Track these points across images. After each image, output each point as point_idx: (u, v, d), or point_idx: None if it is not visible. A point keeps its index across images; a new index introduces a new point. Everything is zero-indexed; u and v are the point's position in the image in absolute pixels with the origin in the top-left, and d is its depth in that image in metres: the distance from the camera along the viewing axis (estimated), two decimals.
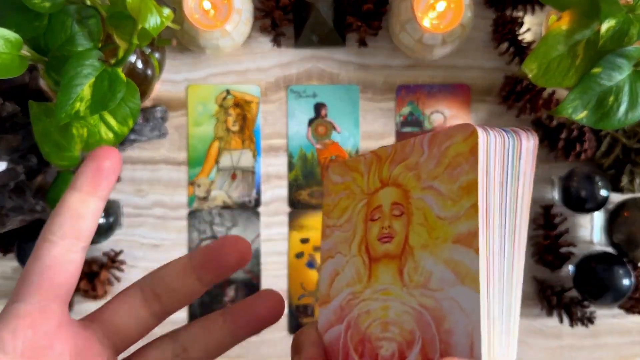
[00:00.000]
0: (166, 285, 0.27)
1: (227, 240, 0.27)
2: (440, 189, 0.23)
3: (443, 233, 0.23)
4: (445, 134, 0.23)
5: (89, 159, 0.26)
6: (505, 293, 0.22)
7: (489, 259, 0.22)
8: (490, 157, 0.22)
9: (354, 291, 0.27)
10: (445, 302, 0.22)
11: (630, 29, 0.43)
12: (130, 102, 0.48)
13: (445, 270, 0.23)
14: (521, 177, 0.23)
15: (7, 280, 0.60)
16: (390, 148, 0.26)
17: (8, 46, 0.43)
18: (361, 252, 0.27)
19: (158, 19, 0.44)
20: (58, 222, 0.25)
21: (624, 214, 0.57)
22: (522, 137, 0.23)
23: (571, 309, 0.57)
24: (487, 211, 0.22)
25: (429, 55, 0.58)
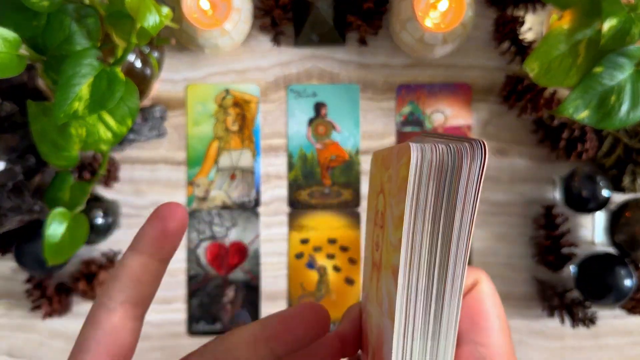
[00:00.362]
0: (234, 358, 0.24)
1: (305, 309, 0.24)
2: (393, 211, 0.21)
3: (390, 259, 0.21)
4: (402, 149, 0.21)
5: (154, 218, 0.24)
6: (431, 336, 0.21)
7: (409, 298, 0.20)
8: (422, 184, 0.19)
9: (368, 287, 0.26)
10: (385, 329, 0.22)
11: (631, 28, 0.43)
12: (129, 102, 0.47)
13: (386, 299, 0.22)
14: (459, 206, 0.19)
15: (6, 281, 0.60)
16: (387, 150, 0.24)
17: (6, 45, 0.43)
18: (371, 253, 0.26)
19: (157, 18, 0.44)
20: (117, 287, 0.23)
21: (626, 214, 0.57)
22: (465, 156, 0.19)
23: (573, 309, 0.57)
24: (412, 246, 0.20)
25: (429, 54, 0.58)
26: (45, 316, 0.58)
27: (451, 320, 0.21)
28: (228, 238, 0.60)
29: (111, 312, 0.23)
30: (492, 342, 0.25)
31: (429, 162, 0.19)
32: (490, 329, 0.25)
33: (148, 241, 0.24)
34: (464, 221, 0.20)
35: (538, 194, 0.60)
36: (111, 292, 0.23)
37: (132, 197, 0.60)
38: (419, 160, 0.19)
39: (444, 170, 0.19)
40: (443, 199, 0.20)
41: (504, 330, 0.25)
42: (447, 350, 0.21)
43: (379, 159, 0.26)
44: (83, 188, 0.52)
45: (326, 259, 0.60)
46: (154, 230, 0.24)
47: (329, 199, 0.60)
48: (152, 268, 0.24)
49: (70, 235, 0.50)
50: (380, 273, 0.23)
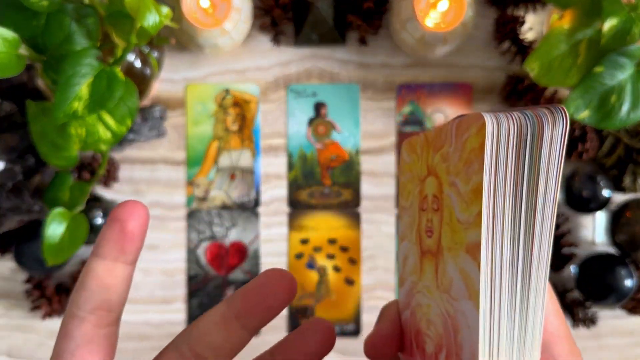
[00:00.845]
0: (208, 342, 0.24)
1: (269, 278, 0.23)
2: (460, 187, 0.20)
3: (460, 238, 0.20)
4: (465, 123, 0.20)
5: (111, 220, 0.23)
6: (519, 312, 0.20)
7: (494, 274, 0.19)
8: (500, 155, 0.19)
9: (414, 280, 0.25)
10: (459, 314, 0.21)
11: (632, 28, 0.43)
12: (129, 102, 0.47)
13: (459, 280, 0.21)
14: (542, 174, 0.19)
15: (6, 281, 0.60)
16: (434, 131, 0.23)
17: (6, 45, 0.43)
18: (417, 242, 0.25)
19: (157, 17, 0.43)
20: (85, 295, 0.23)
21: (627, 214, 0.56)
22: (545, 123, 0.18)
23: (573, 310, 0.57)
24: (494, 220, 0.19)
25: (430, 54, 0.58)
26: (44, 316, 0.58)
27: (539, 292, 0.20)
28: (228, 238, 0.60)
29: (82, 322, 0.23)
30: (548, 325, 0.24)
31: (507, 129, 0.19)
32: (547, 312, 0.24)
33: (109, 245, 0.23)
34: (549, 188, 0.19)
35: None
36: (79, 301, 0.23)
37: (132, 197, 0.60)
38: (495, 129, 0.18)
39: (522, 138, 0.19)
40: (524, 167, 0.19)
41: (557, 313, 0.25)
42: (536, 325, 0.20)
43: (417, 144, 0.25)
44: (82, 188, 0.52)
45: (326, 259, 0.60)
46: (113, 233, 0.23)
47: (329, 199, 0.60)
48: (118, 272, 0.23)
49: (70, 236, 0.50)
50: (440, 258, 0.22)
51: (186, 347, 0.24)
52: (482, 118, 0.18)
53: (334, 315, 0.60)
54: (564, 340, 0.24)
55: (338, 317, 0.60)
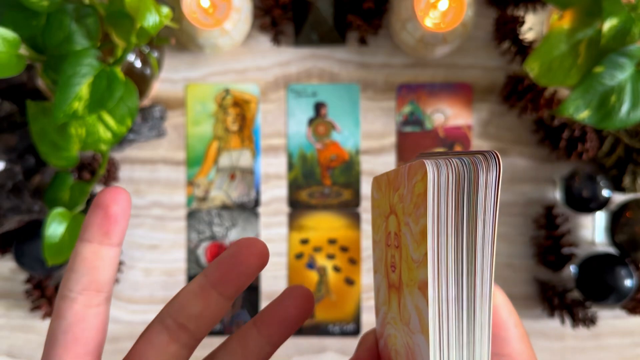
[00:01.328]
0: (188, 312, 0.25)
1: (241, 246, 0.25)
2: (412, 228, 0.22)
3: (414, 276, 0.22)
4: (413, 168, 0.21)
5: (94, 205, 0.24)
6: (466, 345, 0.21)
7: (441, 310, 0.21)
8: (441, 199, 0.20)
9: (385, 311, 0.27)
10: (416, 347, 0.22)
11: (632, 28, 0.43)
12: (129, 102, 0.47)
13: (415, 315, 0.22)
14: (479, 216, 0.20)
15: (6, 281, 0.60)
16: (394, 172, 0.24)
17: (6, 45, 0.43)
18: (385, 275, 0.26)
19: (157, 17, 0.43)
20: (74, 277, 0.24)
21: (626, 214, 0.56)
22: (480, 168, 0.20)
23: (573, 310, 0.57)
24: (439, 259, 0.20)
25: (430, 54, 0.58)
26: (44, 316, 0.58)
27: (484, 326, 0.21)
28: (228, 238, 0.60)
29: (73, 302, 0.24)
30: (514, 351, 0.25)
31: (446, 176, 0.20)
32: (510, 339, 0.25)
33: (93, 229, 0.24)
34: (487, 229, 0.20)
35: (538, 194, 0.60)
36: (69, 283, 0.24)
37: (132, 197, 0.60)
38: (435, 176, 0.20)
39: (461, 183, 0.20)
40: (463, 210, 0.20)
41: (522, 337, 0.26)
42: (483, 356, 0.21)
43: (382, 183, 0.26)
44: (83, 188, 0.52)
45: (326, 259, 0.60)
46: (97, 218, 0.24)
47: (329, 199, 0.60)
48: (104, 254, 0.24)
49: (70, 236, 0.50)
50: (401, 293, 0.24)
51: (169, 319, 0.25)
52: (425, 166, 0.20)
53: (334, 315, 0.60)
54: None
55: (338, 317, 0.60)
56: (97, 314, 0.24)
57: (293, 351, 0.60)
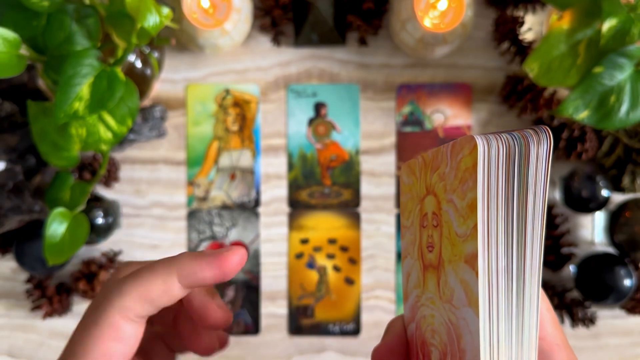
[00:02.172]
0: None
1: None
2: (457, 203, 0.22)
3: (459, 250, 0.22)
4: (458, 144, 0.22)
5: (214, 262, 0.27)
6: (515, 316, 0.21)
7: (491, 281, 0.21)
8: (491, 172, 0.21)
9: (418, 294, 0.27)
10: (461, 321, 0.22)
11: (631, 29, 0.43)
12: (129, 102, 0.47)
13: (460, 289, 0.22)
14: (530, 188, 0.21)
15: (7, 281, 0.60)
16: (431, 153, 0.25)
17: (6, 45, 0.43)
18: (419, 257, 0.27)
19: (157, 18, 0.44)
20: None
21: (626, 214, 0.57)
22: (531, 142, 0.20)
23: (572, 309, 0.57)
24: (489, 231, 0.21)
25: (429, 54, 0.58)
26: (45, 316, 0.58)
27: (533, 297, 0.21)
28: (228, 238, 0.60)
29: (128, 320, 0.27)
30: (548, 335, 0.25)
31: (496, 149, 0.20)
32: (544, 322, 0.26)
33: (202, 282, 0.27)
34: (537, 200, 0.21)
35: None
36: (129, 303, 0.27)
37: (132, 197, 0.60)
38: (485, 149, 0.20)
39: (511, 156, 0.21)
40: (514, 182, 0.21)
41: (555, 322, 0.26)
42: (532, 328, 0.22)
43: (415, 167, 0.27)
44: (83, 188, 0.52)
45: (326, 259, 0.60)
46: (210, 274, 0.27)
47: (329, 199, 0.60)
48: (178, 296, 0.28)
49: (71, 235, 0.50)
50: (441, 271, 0.24)
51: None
52: (474, 140, 0.21)
53: (334, 315, 0.60)
54: (561, 348, 0.25)
55: (338, 317, 0.60)
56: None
57: (293, 351, 0.60)
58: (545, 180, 0.21)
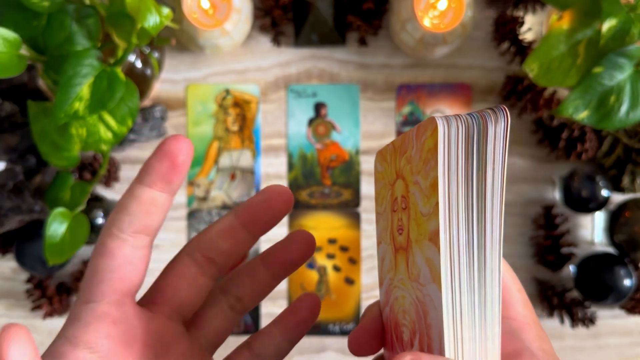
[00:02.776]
0: (218, 248, 0.27)
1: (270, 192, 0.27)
2: (421, 184, 0.23)
3: (424, 229, 0.23)
4: (422, 126, 0.22)
5: (160, 152, 0.24)
6: (477, 289, 0.22)
7: (452, 256, 0.21)
8: (451, 150, 0.21)
9: (390, 277, 0.28)
10: (427, 298, 0.23)
11: (631, 29, 0.43)
12: (129, 102, 0.47)
13: (425, 267, 0.23)
14: (489, 165, 0.21)
15: (7, 281, 0.60)
16: (399, 138, 0.26)
17: (7, 45, 0.43)
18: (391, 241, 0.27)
19: (157, 18, 0.44)
20: (127, 219, 0.25)
21: (625, 214, 0.57)
22: (489, 121, 0.21)
23: (572, 309, 0.57)
24: (450, 208, 0.21)
25: (429, 54, 0.58)
26: (45, 316, 0.58)
27: (495, 271, 0.22)
28: None
29: (123, 242, 0.25)
30: (518, 314, 0.26)
31: (456, 129, 0.21)
32: (514, 302, 0.26)
33: (157, 176, 0.24)
34: (496, 177, 0.21)
35: (538, 194, 0.60)
36: (121, 224, 0.25)
37: None
38: (445, 129, 0.21)
39: (470, 135, 0.21)
40: (473, 160, 0.21)
41: (526, 302, 0.27)
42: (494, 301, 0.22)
43: (387, 153, 0.28)
44: (83, 188, 0.52)
45: (326, 259, 0.60)
46: (163, 165, 0.24)
47: (329, 199, 0.60)
48: (161, 200, 0.25)
49: (71, 235, 0.50)
50: (410, 251, 0.24)
51: (198, 253, 0.27)
52: (435, 121, 0.21)
53: (334, 314, 0.60)
54: (532, 327, 0.26)
55: (338, 317, 0.60)
56: (143, 256, 0.25)
57: (293, 351, 0.60)
58: (503, 158, 0.21)
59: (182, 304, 0.27)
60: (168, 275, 0.27)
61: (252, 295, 0.29)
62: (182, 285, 0.27)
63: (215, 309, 0.29)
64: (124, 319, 0.25)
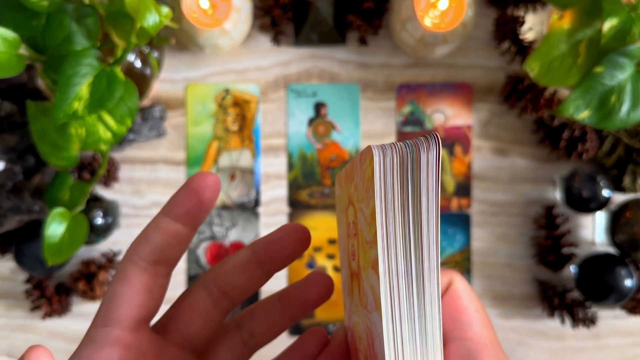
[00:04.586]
0: (232, 282, 0.28)
1: (287, 231, 0.27)
2: (365, 212, 0.23)
3: (368, 257, 0.23)
4: (363, 155, 0.23)
5: (187, 188, 0.25)
6: (417, 317, 0.22)
7: (392, 284, 0.22)
8: (387, 179, 0.21)
9: (350, 302, 0.28)
10: (372, 325, 0.23)
11: (632, 28, 0.43)
12: (129, 102, 0.47)
13: (370, 294, 0.23)
14: (423, 193, 0.21)
15: (6, 281, 0.60)
16: (350, 164, 0.26)
17: (6, 45, 0.43)
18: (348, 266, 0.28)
19: (157, 17, 0.44)
20: (149, 249, 0.25)
21: (626, 214, 0.56)
22: (422, 148, 0.21)
23: (573, 310, 0.57)
24: (387, 237, 0.22)
25: (430, 54, 0.58)
26: (45, 316, 0.58)
27: (434, 299, 0.22)
28: (228, 238, 0.60)
29: (143, 271, 0.26)
30: (475, 335, 0.26)
31: (391, 158, 0.21)
32: (472, 323, 0.26)
33: (183, 210, 0.25)
34: (430, 204, 0.21)
35: (538, 194, 0.60)
36: (142, 252, 0.26)
37: (132, 197, 0.60)
38: (381, 158, 0.21)
39: (404, 163, 0.21)
40: (408, 188, 0.22)
41: (484, 322, 0.27)
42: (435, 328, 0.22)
43: (342, 177, 0.28)
44: (83, 188, 0.52)
45: (326, 259, 0.60)
46: (189, 201, 0.25)
47: (329, 199, 0.60)
48: (184, 234, 0.26)
49: (70, 236, 0.50)
50: (360, 278, 0.24)
51: (213, 285, 0.28)
52: (371, 151, 0.21)
53: (334, 314, 0.60)
54: (489, 348, 0.26)
55: (338, 317, 0.60)
56: (161, 285, 0.26)
57: None
58: (437, 185, 0.21)
59: (194, 336, 0.28)
60: (182, 305, 0.28)
61: (266, 332, 0.29)
62: (195, 317, 0.28)
63: (227, 343, 0.29)
64: (137, 345, 0.26)
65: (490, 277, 0.60)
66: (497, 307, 0.60)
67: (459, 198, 0.60)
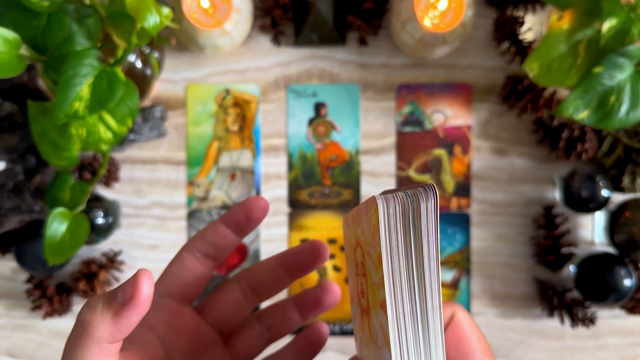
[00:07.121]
0: (261, 281, 0.34)
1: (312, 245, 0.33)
2: (372, 255, 0.25)
3: (376, 297, 0.25)
4: (368, 204, 0.25)
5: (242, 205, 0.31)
6: (423, 351, 0.24)
7: (399, 324, 0.24)
8: (391, 227, 0.24)
9: (361, 336, 0.30)
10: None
11: (631, 28, 0.43)
12: (129, 102, 0.47)
13: (379, 332, 0.25)
14: (424, 239, 0.24)
15: (7, 281, 0.60)
16: (356, 209, 0.28)
17: (6, 45, 0.43)
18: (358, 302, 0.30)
19: (157, 18, 0.44)
20: (204, 244, 0.32)
21: (626, 214, 0.57)
22: (421, 198, 0.24)
23: (572, 309, 0.57)
24: (394, 280, 0.24)
25: (429, 54, 0.58)
26: (45, 316, 0.58)
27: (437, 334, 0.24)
28: None
29: (195, 259, 0.32)
30: None
31: (394, 207, 0.24)
32: (474, 352, 0.29)
33: (235, 221, 0.31)
34: (431, 249, 0.24)
35: (538, 194, 0.60)
36: (198, 245, 0.32)
37: (133, 197, 0.60)
38: (385, 208, 0.24)
39: (406, 212, 0.24)
40: (410, 235, 0.24)
41: (486, 351, 0.29)
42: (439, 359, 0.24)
43: (349, 220, 0.30)
44: (83, 188, 0.52)
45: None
46: (241, 215, 0.31)
47: (328, 199, 0.60)
48: (231, 239, 0.32)
49: (71, 235, 0.50)
50: (370, 315, 0.27)
51: (245, 282, 0.34)
52: (376, 201, 0.24)
53: (334, 314, 0.60)
54: None
55: (338, 317, 0.60)
56: (206, 275, 0.33)
57: None
58: (435, 231, 0.24)
59: (223, 320, 0.34)
60: (217, 294, 0.34)
61: (281, 328, 0.35)
62: (226, 305, 0.34)
63: (248, 332, 0.35)
64: (181, 314, 0.32)
65: (489, 276, 0.60)
66: (497, 307, 0.60)
67: (459, 198, 0.60)
